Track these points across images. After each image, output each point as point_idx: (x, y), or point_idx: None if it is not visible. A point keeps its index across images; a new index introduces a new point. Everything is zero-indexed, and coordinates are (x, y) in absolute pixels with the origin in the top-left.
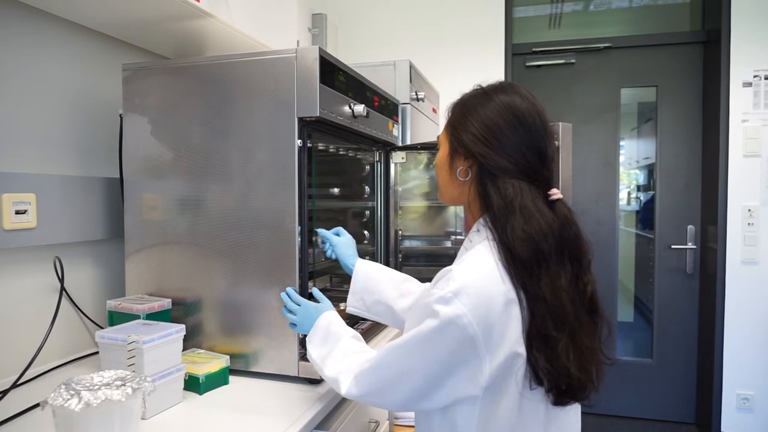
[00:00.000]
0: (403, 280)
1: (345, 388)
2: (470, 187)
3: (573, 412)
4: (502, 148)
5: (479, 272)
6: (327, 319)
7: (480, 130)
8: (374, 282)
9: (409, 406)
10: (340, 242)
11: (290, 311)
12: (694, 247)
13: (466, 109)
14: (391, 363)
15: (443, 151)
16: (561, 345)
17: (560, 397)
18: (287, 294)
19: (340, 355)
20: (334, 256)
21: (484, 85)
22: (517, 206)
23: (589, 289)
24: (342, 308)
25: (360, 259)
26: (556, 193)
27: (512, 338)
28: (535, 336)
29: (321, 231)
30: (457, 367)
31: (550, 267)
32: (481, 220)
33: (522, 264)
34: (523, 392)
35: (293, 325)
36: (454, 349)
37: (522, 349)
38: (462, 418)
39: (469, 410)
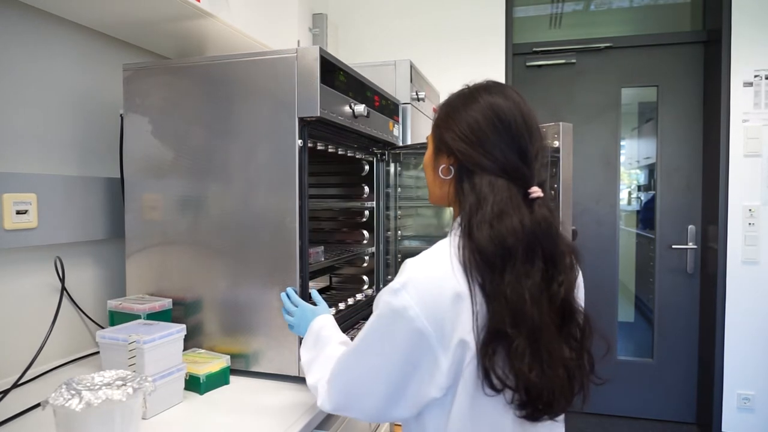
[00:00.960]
0: None
1: (320, 400)
2: (450, 186)
3: (549, 429)
4: (482, 146)
5: (430, 265)
6: (320, 323)
7: (461, 128)
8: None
9: (381, 414)
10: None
11: (288, 313)
12: (695, 246)
13: (451, 108)
14: (350, 365)
15: (429, 150)
16: (517, 344)
17: (523, 408)
18: (287, 295)
19: (323, 361)
20: None
21: (471, 84)
22: (490, 202)
23: (563, 290)
24: (342, 308)
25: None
26: (535, 192)
27: (462, 331)
28: (491, 334)
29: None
30: (416, 366)
31: (516, 265)
32: (458, 218)
33: (486, 259)
34: (476, 396)
35: (291, 326)
36: (406, 343)
37: (470, 340)
38: (430, 419)
39: (439, 416)
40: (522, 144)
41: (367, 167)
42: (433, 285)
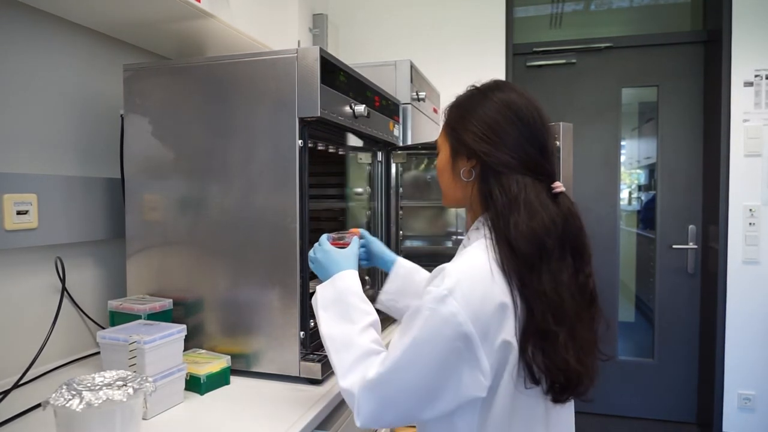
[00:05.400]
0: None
1: (355, 413)
2: (473, 187)
3: (568, 412)
4: (504, 145)
5: (472, 270)
6: (345, 282)
7: (480, 129)
8: (413, 284)
9: (412, 417)
10: (376, 240)
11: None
12: (696, 246)
13: (464, 109)
14: (393, 379)
15: (444, 154)
16: (561, 338)
17: (559, 393)
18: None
19: (352, 356)
20: (365, 261)
21: (478, 85)
22: (522, 201)
23: (591, 281)
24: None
25: (400, 258)
26: (559, 186)
27: (506, 333)
28: (533, 332)
29: (362, 231)
30: (457, 367)
31: (551, 262)
32: (481, 218)
33: (524, 259)
34: (518, 390)
35: (312, 262)
36: (452, 348)
37: (514, 342)
38: (462, 421)
39: (470, 412)
40: (541, 139)
41: (368, 167)
42: (479, 290)
